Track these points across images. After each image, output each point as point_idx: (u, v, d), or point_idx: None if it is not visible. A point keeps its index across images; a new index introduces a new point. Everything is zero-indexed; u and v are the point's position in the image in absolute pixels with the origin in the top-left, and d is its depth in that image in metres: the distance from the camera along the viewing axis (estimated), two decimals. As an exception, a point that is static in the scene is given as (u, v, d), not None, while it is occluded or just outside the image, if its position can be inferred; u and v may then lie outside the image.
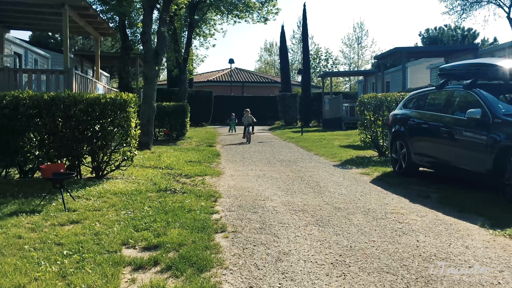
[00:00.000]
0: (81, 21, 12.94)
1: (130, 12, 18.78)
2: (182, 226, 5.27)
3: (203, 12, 26.60)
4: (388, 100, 12.46)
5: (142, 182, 8.04)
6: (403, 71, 20.59)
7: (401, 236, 5.04)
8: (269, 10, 27.44)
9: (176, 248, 4.49)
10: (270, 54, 68.91)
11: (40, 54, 19.23)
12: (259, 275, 3.92)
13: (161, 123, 18.53)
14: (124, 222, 5.40)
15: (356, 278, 3.83)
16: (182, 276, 3.83)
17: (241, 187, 8.10)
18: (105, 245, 4.56)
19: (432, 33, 49.13)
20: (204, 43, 29.97)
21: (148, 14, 13.84)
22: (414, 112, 9.29)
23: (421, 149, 8.73)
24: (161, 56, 14.02)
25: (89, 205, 6.28)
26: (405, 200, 6.99)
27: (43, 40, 36.42)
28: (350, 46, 60.01)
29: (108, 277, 3.73)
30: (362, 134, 13.37)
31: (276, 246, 4.69)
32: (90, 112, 8.14)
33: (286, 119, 32.43)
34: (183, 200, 6.69)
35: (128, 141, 8.56)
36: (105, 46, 39.16)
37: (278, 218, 5.86)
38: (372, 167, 10.29)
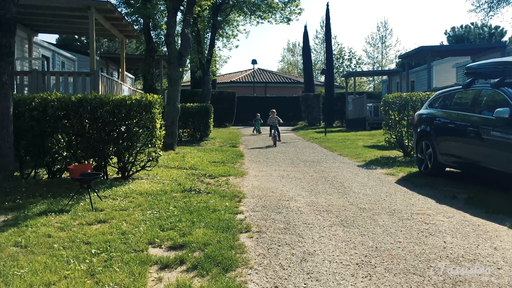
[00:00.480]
0: (107, 23, 13.15)
1: (154, 14, 18.97)
2: (207, 226, 5.31)
3: (226, 13, 26.72)
4: (413, 100, 12.31)
5: (167, 183, 8.13)
6: (428, 70, 20.29)
7: (427, 237, 4.98)
8: (292, 11, 27.40)
9: (201, 248, 4.53)
10: (293, 54, 68.87)
11: (66, 57, 19.60)
12: (284, 275, 3.93)
13: (185, 124, 18.68)
14: (150, 222, 5.47)
15: (382, 279, 3.80)
16: (208, 275, 3.86)
17: (265, 187, 8.11)
18: (132, 244, 4.63)
19: (458, 31, 48.30)
20: (227, 44, 30.13)
21: (172, 16, 13.97)
22: (440, 111, 9.16)
23: (448, 149, 8.60)
24: (184, 58, 14.13)
25: (116, 205, 6.37)
26: (431, 200, 6.90)
27: (70, 43, 37.13)
28: (374, 46, 59.46)
29: (136, 275, 3.79)
30: (387, 134, 13.23)
31: (301, 246, 4.69)
32: (116, 114, 8.27)
33: (309, 120, 32.31)
34: (207, 200, 6.74)
35: (153, 142, 8.66)
36: (129, 48, 39.68)
37: (303, 218, 5.85)
38: (397, 168, 10.18)
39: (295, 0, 26.75)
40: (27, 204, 6.33)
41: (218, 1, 25.25)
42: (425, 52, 20.13)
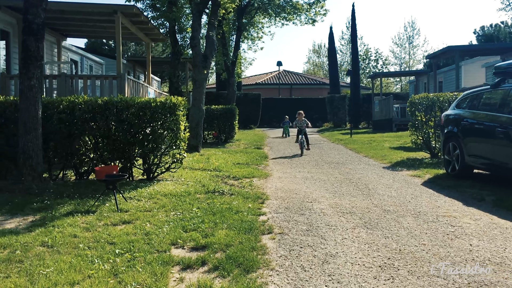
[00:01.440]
0: (133, 27, 13.36)
1: (180, 17, 19.18)
2: (229, 227, 5.32)
3: (251, 15, 26.80)
4: (440, 100, 12.11)
5: (191, 184, 8.19)
6: (456, 70, 19.91)
7: (453, 240, 4.88)
8: (317, 12, 27.29)
9: (223, 249, 4.55)
10: (318, 55, 68.56)
11: (94, 61, 19.98)
12: (305, 276, 3.91)
13: (210, 126, 18.79)
14: (173, 223, 5.52)
15: (404, 282, 3.75)
16: (229, 276, 3.87)
17: (288, 189, 8.09)
18: (155, 244, 4.68)
19: (487, 30, 47.27)
20: (252, 46, 30.08)
21: (197, 19, 14.09)
22: (468, 112, 8.98)
23: (476, 151, 8.42)
24: (209, 60, 14.23)
25: (140, 206, 6.46)
26: (458, 203, 6.76)
27: (98, 47, 37.84)
28: (401, 46, 58.70)
29: (158, 275, 3.83)
30: (413, 136, 13.04)
31: (323, 248, 4.66)
32: (141, 116, 8.39)
33: (334, 121, 32.12)
34: (230, 202, 6.76)
35: (178, 144, 8.74)
36: (156, 51, 40.19)
37: (325, 220, 5.82)
38: (424, 169, 10.03)
39: (320, 1, 26.64)
40: (55, 204, 6.48)
41: (243, 3, 25.34)
42: (453, 51, 19.79)
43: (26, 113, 7.73)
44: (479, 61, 25.59)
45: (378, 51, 56.56)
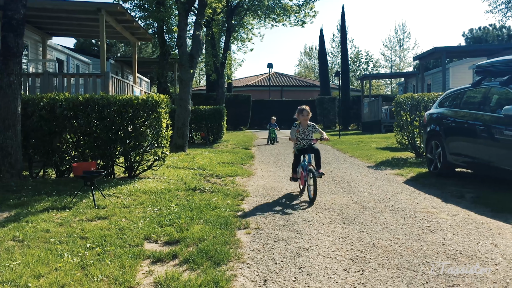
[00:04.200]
0: (118, 26, 13.29)
1: (168, 17, 19.12)
2: (205, 223, 5.30)
3: (240, 16, 26.78)
4: (425, 100, 12.15)
5: (172, 182, 8.15)
6: (443, 71, 20.03)
7: (427, 234, 4.88)
8: (307, 13, 27.29)
9: (196, 243, 4.52)
10: (309, 58, 68.69)
11: (81, 60, 19.87)
12: (276, 269, 3.89)
13: (198, 127, 18.75)
14: (150, 218, 5.48)
15: (374, 274, 3.74)
16: (199, 269, 3.84)
17: (270, 186, 8.07)
18: (127, 239, 4.64)
19: (476, 33, 47.62)
20: (241, 48, 30.01)
21: (183, 18, 14.06)
22: (450, 110, 9.01)
23: (457, 149, 8.44)
24: (195, 60, 14.20)
25: (118, 202, 6.41)
26: (437, 199, 6.78)
27: (87, 47, 37.67)
28: (392, 49, 58.89)
29: (126, 268, 3.79)
30: (398, 135, 13.08)
31: (297, 242, 4.64)
32: (123, 113, 8.34)
33: (324, 123, 32.18)
34: (210, 199, 6.73)
35: (160, 142, 8.69)
36: (146, 52, 40.09)
37: (303, 216, 5.80)
38: (407, 168, 10.05)
39: (309, 3, 26.67)
40: (32, 201, 6.41)
41: (232, 4, 25.33)
42: (440, 52, 19.91)
43: (5, 110, 7.66)
44: (466, 63, 25.78)
45: (368, 54, 56.68)
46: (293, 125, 7.11)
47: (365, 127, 27.81)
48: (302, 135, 7.04)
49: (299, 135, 7.05)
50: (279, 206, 6.39)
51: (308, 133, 7.05)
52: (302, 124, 7.07)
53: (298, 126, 7.08)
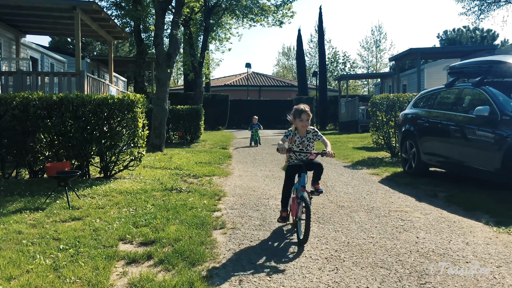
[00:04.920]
0: (94, 24, 13.12)
1: (145, 16, 18.96)
2: (182, 223, 5.28)
3: (218, 16, 26.72)
4: (401, 101, 12.32)
5: (149, 182, 8.08)
6: (418, 72, 20.33)
7: (401, 233, 4.96)
8: (284, 14, 27.39)
9: (171, 243, 4.50)
10: (288, 58, 68.91)
11: (56, 59, 19.55)
12: (251, 269, 3.89)
13: (176, 126, 18.65)
14: (125, 219, 5.43)
15: (348, 272, 3.78)
16: (174, 269, 3.83)
17: (247, 186, 8.08)
18: (102, 240, 4.59)
19: (450, 34, 48.50)
20: (219, 47, 29.87)
21: (160, 17, 13.95)
22: (424, 111, 9.16)
23: (431, 149, 8.59)
24: (173, 59, 14.11)
25: (93, 203, 6.33)
26: (411, 198, 6.88)
27: (62, 45, 37.07)
28: (369, 50, 59.57)
29: (100, 269, 3.75)
30: (374, 135, 13.24)
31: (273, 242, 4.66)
32: (99, 113, 8.24)
33: (302, 123, 32.31)
34: (186, 199, 6.70)
35: (136, 141, 8.62)
36: (122, 51, 39.69)
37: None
38: (383, 168, 10.17)
39: (287, 3, 26.76)
40: (4, 202, 6.29)
41: (210, 4, 25.26)
42: (415, 54, 20.20)
43: (-24, 109, 7.47)
44: (441, 64, 26.23)
45: (346, 54, 57.01)
46: (286, 132, 5.00)
47: (342, 127, 28.06)
48: (299, 145, 4.96)
49: (294, 146, 4.96)
50: (255, 206, 6.40)
51: (307, 143, 4.95)
52: (300, 131, 4.95)
53: (293, 133, 4.95)
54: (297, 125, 4.92)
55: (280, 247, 4.48)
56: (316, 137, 4.98)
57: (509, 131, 6.58)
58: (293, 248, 4.44)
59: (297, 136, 4.95)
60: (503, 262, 3.99)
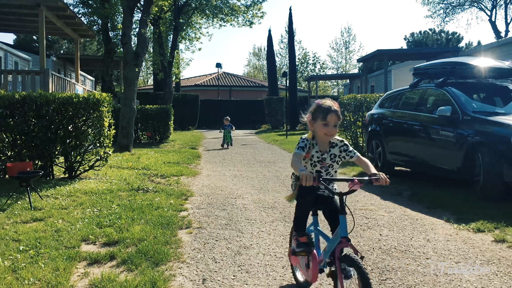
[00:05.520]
0: (59, 22, 12.87)
1: (113, 14, 18.68)
2: (147, 223, 5.22)
3: (188, 15, 26.58)
4: (368, 101, 12.50)
5: (115, 182, 7.97)
6: (385, 73, 20.70)
7: (365, 231, 5.03)
8: (254, 14, 27.46)
9: (136, 243, 4.44)
10: (258, 58, 69.03)
11: (20, 57, 19.07)
12: (215, 268, 3.89)
13: (145, 126, 18.44)
14: (89, 220, 5.34)
15: (311, 270, 3.81)
16: (137, 269, 3.78)
17: (215, 186, 8.06)
18: (64, 241, 4.50)
19: (417, 36, 49.57)
20: (190, 47, 29.76)
21: (128, 15, 13.78)
22: (389, 111, 9.33)
23: (396, 148, 8.76)
24: (141, 58, 13.96)
25: (56, 203, 6.20)
26: (376, 197, 6.99)
27: (27, 43, 36.20)
28: (338, 51, 60.28)
29: (60, 271, 3.67)
30: (342, 135, 13.37)
31: (238, 241, 4.66)
32: (63, 112, 8.08)
33: (272, 123, 32.44)
34: (153, 199, 6.64)
35: (102, 141, 8.49)
36: (90, 50, 39.04)
37: (246, 214, 5.83)
38: (350, 167, 10.28)
39: (257, 4, 26.84)
40: (-38, 203, 6.09)
41: (180, 3, 25.11)
42: (382, 55, 20.55)
43: None
44: (408, 66, 26.73)
45: (316, 55, 57.66)
46: (300, 142, 3.22)
47: (312, 127, 28.24)
48: (319, 163, 3.24)
49: (310, 164, 3.25)
50: (222, 205, 6.39)
51: (330, 162, 3.25)
52: (320, 143, 3.23)
53: (311, 144, 3.23)
54: (318, 132, 3.17)
55: (246, 246, 4.48)
56: (346, 154, 3.22)
57: (470, 131, 6.77)
58: (258, 247, 4.45)
59: (315, 150, 3.20)
60: (462, 258, 4.10)
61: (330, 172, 3.26)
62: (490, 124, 6.60)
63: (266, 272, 3.77)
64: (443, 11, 34.41)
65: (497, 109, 7.35)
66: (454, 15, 35.58)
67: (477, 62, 8.16)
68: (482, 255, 4.17)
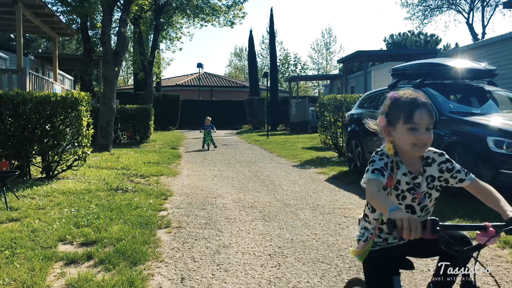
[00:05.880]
0: (37, 20, 12.68)
1: (92, 13, 18.45)
2: (125, 222, 5.18)
3: (169, 15, 26.42)
4: (348, 101, 12.61)
5: (94, 182, 7.89)
6: (364, 74, 20.90)
7: (343, 229, 5.08)
8: (236, 14, 27.43)
9: (114, 243, 4.41)
10: (240, 59, 68.98)
11: (-3, 55, 18.76)
12: (194, 267, 3.88)
13: (125, 126, 18.28)
14: (66, 220, 5.27)
15: (290, 268, 3.83)
16: (114, 269, 3.75)
17: (195, 186, 8.04)
18: (40, 241, 4.44)
19: (396, 38, 50.17)
20: (170, 47, 29.53)
21: (107, 14, 13.65)
22: (368, 111, 9.41)
23: (375, 148, 8.82)
24: (121, 57, 13.84)
25: (33, 204, 6.11)
26: (355, 196, 7.06)
27: (5, 42, 35.56)
28: (319, 52, 60.58)
29: (36, 271, 3.62)
30: (322, 135, 13.48)
31: (217, 240, 4.66)
32: (40, 111, 7.97)
33: (253, 123, 32.49)
34: (132, 198, 6.59)
35: (80, 141, 8.40)
36: (69, 49, 38.56)
37: (226, 214, 5.83)
38: (330, 167, 10.37)
39: (238, 4, 26.82)
40: None
41: (161, 2, 24.94)
42: (362, 56, 20.75)
43: None
44: (387, 67, 27.03)
45: (297, 56, 57.80)
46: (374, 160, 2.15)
47: (292, 127, 28.39)
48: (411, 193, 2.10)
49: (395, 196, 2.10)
50: (202, 205, 6.37)
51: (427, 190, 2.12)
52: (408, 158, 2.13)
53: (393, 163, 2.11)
54: (401, 142, 2.13)
55: (225, 245, 4.49)
56: (452, 176, 2.14)
57: (446, 131, 6.87)
58: (237, 246, 4.46)
59: (402, 172, 2.11)
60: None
61: (428, 207, 2.14)
62: (466, 124, 6.71)
63: (245, 271, 3.78)
64: (422, 13, 34.93)
65: (473, 110, 7.48)
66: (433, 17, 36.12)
67: (453, 63, 8.28)
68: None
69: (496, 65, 10.74)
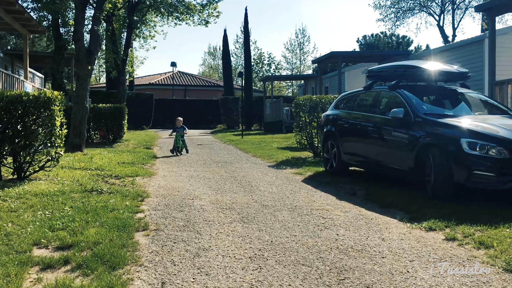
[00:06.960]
0: (7, 16, 12.37)
1: (64, 10, 18.10)
2: (102, 225, 5.09)
3: (142, 13, 26.10)
4: (323, 102, 12.70)
5: (67, 183, 7.73)
6: (339, 75, 21.10)
7: (322, 231, 5.11)
8: (210, 13, 27.28)
9: (91, 247, 4.32)
10: (214, 58, 68.76)
11: (-35, 52, 18.21)
12: (174, 270, 3.84)
13: (97, 125, 17.97)
14: (40, 223, 5.15)
15: (271, 271, 3.83)
16: (92, 274, 3.68)
17: (171, 187, 7.96)
18: (14, 245, 4.32)
19: (369, 39, 50.78)
20: (144, 45, 29.16)
21: (80, 11, 13.39)
22: (344, 112, 9.50)
23: (350, 149, 8.93)
24: (94, 56, 13.60)
25: (5, 206, 5.94)
26: (332, 197, 7.11)
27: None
28: (293, 52, 60.81)
29: (11, 277, 3.53)
30: (298, 136, 13.55)
31: (197, 243, 4.62)
32: (11, 111, 7.76)
33: (228, 123, 32.42)
34: (107, 200, 6.48)
35: (53, 141, 8.22)
36: (39, 46, 37.69)
37: (204, 216, 5.79)
38: (306, 167, 10.42)
39: (213, 3, 26.69)
40: None
41: (134, 0, 24.62)
42: (336, 57, 20.92)
43: None
44: (361, 68, 27.34)
45: (271, 56, 57.78)
46: None
47: (267, 127, 28.44)
48: None
49: None
50: (179, 206, 6.32)
51: None
52: None
53: None
54: None
55: (205, 248, 4.45)
56: None
57: (421, 132, 7.00)
58: (217, 249, 4.43)
59: None
60: (416, 256, 4.23)
61: None
62: (440, 126, 6.85)
63: (226, 274, 3.76)
64: (394, 15, 35.51)
65: (446, 111, 7.63)
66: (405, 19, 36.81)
67: (427, 66, 8.45)
68: (435, 253, 4.32)
69: (467, 67, 10.99)
